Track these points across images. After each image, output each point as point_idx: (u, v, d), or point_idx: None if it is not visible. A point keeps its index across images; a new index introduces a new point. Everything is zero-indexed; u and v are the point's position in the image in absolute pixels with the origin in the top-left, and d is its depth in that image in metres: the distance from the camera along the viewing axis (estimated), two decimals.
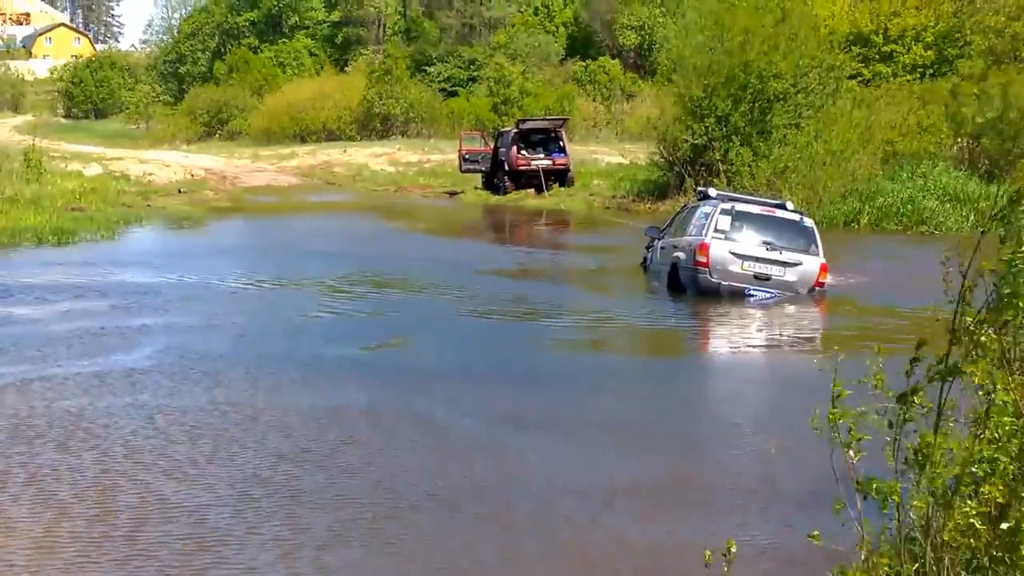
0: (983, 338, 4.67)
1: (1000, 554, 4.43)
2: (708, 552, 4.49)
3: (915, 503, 4.55)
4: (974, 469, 4.49)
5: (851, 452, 4.69)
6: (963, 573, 4.64)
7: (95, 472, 8.45)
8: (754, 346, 15.54)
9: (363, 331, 15.30)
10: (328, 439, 9.50)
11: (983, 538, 4.42)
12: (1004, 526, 4.39)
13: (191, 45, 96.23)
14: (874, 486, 4.56)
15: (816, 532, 4.82)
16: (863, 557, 4.73)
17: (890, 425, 4.70)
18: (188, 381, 11.50)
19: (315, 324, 15.72)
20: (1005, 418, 4.65)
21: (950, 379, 4.59)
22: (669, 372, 13.57)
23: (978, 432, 4.67)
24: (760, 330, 16.73)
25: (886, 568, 4.44)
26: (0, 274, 18.92)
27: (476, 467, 8.89)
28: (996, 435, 4.62)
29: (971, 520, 4.42)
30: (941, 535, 4.56)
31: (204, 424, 9.87)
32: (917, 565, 4.66)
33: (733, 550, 4.31)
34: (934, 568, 4.59)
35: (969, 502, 4.54)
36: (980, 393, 4.75)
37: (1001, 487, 4.43)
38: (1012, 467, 4.48)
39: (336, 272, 20.55)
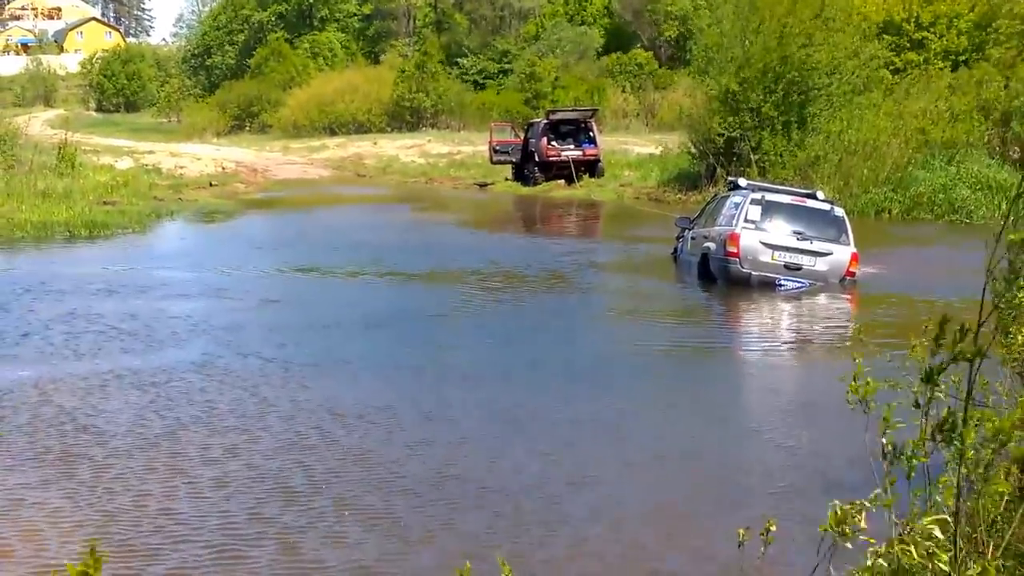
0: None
1: None
2: (742, 531, 4.19)
3: (943, 479, 4.49)
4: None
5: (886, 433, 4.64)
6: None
7: None
8: (785, 340, 15.43)
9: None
10: None
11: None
12: None
13: (218, 37, 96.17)
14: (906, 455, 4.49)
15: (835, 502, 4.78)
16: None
17: (916, 405, 4.66)
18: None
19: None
20: None
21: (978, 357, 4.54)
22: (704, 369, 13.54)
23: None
24: (790, 322, 16.66)
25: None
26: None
27: None
28: None
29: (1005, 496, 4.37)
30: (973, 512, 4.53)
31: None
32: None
33: (773, 529, 3.97)
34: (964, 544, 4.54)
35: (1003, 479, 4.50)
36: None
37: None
38: None
39: (412, 266, 20.82)
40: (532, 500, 7.98)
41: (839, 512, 3.65)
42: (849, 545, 3.64)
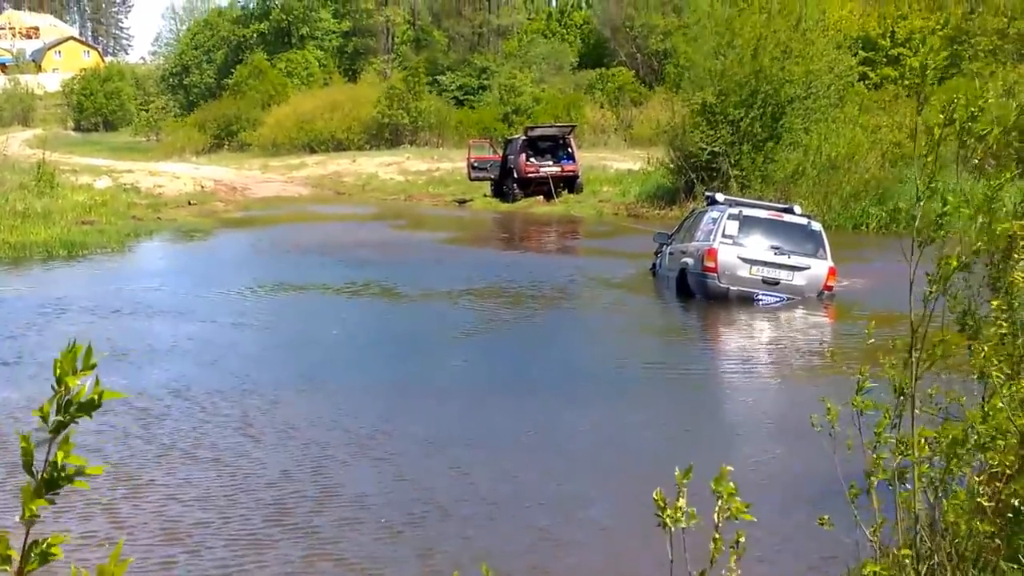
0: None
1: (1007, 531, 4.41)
2: (717, 536, 3.84)
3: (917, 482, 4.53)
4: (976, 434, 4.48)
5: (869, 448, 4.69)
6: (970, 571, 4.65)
7: None
8: (764, 357, 15.46)
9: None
10: None
11: (988, 521, 4.40)
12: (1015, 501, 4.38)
13: (195, 56, 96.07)
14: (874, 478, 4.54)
15: (826, 517, 4.82)
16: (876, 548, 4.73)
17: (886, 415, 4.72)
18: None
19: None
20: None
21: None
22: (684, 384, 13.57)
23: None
24: (768, 338, 16.69)
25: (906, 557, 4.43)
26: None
27: None
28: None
29: (978, 500, 4.40)
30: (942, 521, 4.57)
31: None
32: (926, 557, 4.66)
33: (742, 540, 3.85)
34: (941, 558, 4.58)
35: (976, 477, 4.54)
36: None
37: (1010, 456, 4.43)
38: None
39: (394, 285, 20.82)
40: (522, 525, 8.01)
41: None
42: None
